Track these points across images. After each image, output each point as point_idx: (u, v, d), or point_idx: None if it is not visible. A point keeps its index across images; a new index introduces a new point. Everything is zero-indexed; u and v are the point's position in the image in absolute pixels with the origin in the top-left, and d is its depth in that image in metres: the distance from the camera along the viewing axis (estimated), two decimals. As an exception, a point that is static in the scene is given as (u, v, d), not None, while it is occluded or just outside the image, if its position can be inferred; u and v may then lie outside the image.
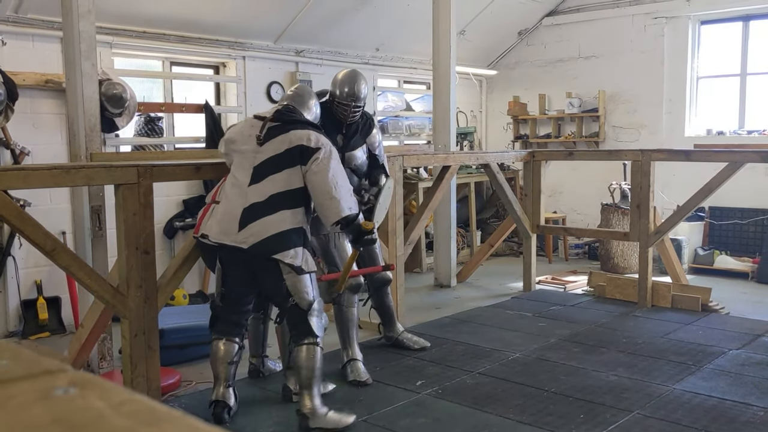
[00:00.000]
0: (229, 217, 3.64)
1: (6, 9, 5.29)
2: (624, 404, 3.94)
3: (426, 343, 5.07)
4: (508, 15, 8.99)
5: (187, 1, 6.23)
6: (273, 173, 3.65)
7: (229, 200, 3.70)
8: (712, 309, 6.01)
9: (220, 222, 3.67)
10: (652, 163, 6.11)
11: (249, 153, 3.74)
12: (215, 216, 3.73)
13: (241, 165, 3.75)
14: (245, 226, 3.58)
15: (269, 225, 3.57)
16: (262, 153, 3.70)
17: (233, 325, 3.89)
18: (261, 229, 3.57)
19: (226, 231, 3.64)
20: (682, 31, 8.40)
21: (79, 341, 4.31)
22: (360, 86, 4.52)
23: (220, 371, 3.85)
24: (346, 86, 4.49)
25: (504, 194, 6.77)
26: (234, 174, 3.77)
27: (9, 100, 5.23)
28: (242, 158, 3.76)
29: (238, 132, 3.90)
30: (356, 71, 4.65)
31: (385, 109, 8.92)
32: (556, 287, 7.15)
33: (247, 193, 3.64)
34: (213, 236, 3.68)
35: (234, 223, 3.61)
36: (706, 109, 8.51)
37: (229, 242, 3.62)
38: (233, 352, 3.86)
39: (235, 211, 3.63)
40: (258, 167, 3.68)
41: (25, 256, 5.52)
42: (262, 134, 3.73)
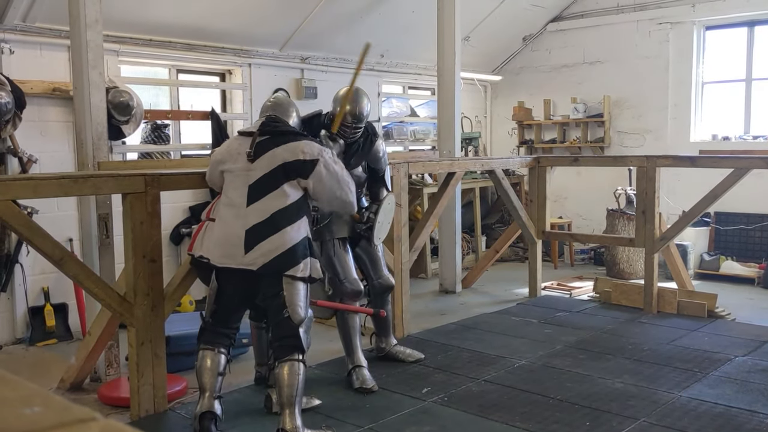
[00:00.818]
0: (231, 239, 3.59)
1: (14, 18, 5.32)
2: (630, 412, 3.93)
3: (420, 355, 4.96)
4: (512, 21, 9.00)
5: (194, 8, 6.26)
6: (271, 190, 3.60)
7: (227, 222, 3.64)
8: (718, 315, 6.00)
9: (221, 245, 3.63)
10: (657, 169, 6.11)
11: (241, 171, 3.68)
12: (212, 238, 3.68)
13: (234, 184, 3.69)
14: (252, 247, 3.54)
15: (276, 244, 3.54)
16: (255, 170, 3.64)
17: (222, 336, 3.80)
18: (269, 248, 3.54)
19: (230, 254, 3.59)
20: (687, 36, 8.40)
21: (86, 348, 4.33)
22: (362, 105, 4.42)
23: (207, 382, 3.71)
24: (348, 105, 4.38)
25: (509, 200, 6.78)
26: (227, 194, 3.72)
27: (17, 109, 5.27)
28: (234, 177, 3.70)
29: (225, 152, 3.82)
30: (358, 89, 4.49)
31: (390, 115, 8.93)
32: (562, 293, 7.15)
33: (247, 214, 3.59)
34: (216, 260, 3.65)
35: (238, 246, 3.56)
36: (711, 114, 8.50)
37: (236, 265, 3.59)
38: (221, 363, 3.75)
39: (237, 233, 3.58)
40: (253, 186, 3.62)
41: (32, 263, 5.54)
42: (252, 150, 3.66)
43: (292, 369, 3.54)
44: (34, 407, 0.46)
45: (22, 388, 0.49)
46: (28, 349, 5.42)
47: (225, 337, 3.81)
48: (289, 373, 3.53)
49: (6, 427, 0.42)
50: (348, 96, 4.38)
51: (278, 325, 3.62)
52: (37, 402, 0.47)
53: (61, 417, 0.45)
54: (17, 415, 0.45)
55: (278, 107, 3.97)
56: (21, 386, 0.50)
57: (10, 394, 0.48)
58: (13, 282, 5.52)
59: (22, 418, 0.44)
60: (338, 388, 4.41)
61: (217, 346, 3.76)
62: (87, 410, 0.48)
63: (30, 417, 0.45)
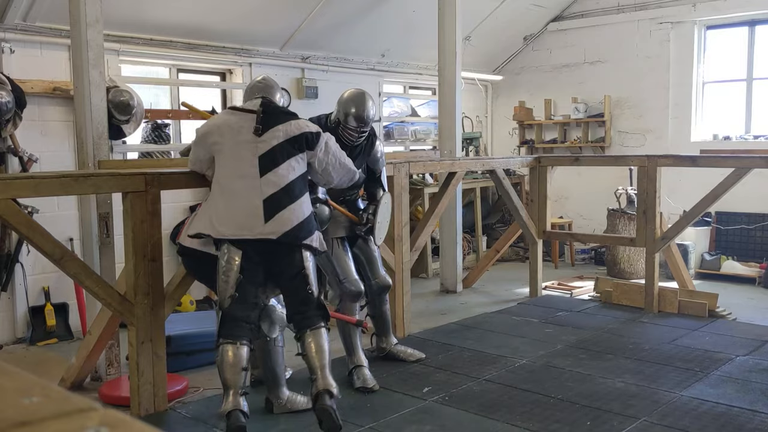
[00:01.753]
0: (249, 210, 3.56)
1: (15, 17, 5.32)
2: (631, 411, 3.93)
3: (421, 355, 4.93)
4: (513, 21, 9.00)
5: (194, 8, 6.26)
6: (282, 161, 3.64)
7: (239, 194, 3.59)
8: (719, 315, 6.00)
9: (235, 217, 3.56)
10: (658, 169, 6.11)
11: (247, 144, 3.65)
12: (220, 213, 3.59)
13: (241, 156, 3.63)
14: (272, 217, 3.55)
15: (296, 212, 3.61)
16: (263, 143, 3.64)
17: (242, 326, 3.60)
18: (289, 217, 3.58)
19: (248, 226, 3.55)
20: (687, 36, 8.40)
21: (86, 348, 4.33)
22: (368, 109, 4.35)
23: (230, 379, 3.53)
24: (353, 108, 4.33)
25: (510, 200, 6.77)
26: (232, 167, 3.64)
27: (17, 108, 5.27)
28: (240, 149, 3.65)
29: (220, 125, 3.74)
30: (363, 92, 4.45)
31: (391, 115, 8.93)
32: (563, 293, 7.15)
33: (262, 184, 3.59)
34: (230, 233, 3.55)
35: (257, 216, 3.55)
36: (712, 114, 8.50)
37: (254, 236, 3.55)
38: (244, 357, 3.57)
39: (254, 203, 3.56)
40: (264, 156, 3.62)
41: (32, 262, 5.54)
42: (260, 125, 3.67)
43: (321, 336, 3.63)
44: (33, 397, 0.46)
45: (21, 379, 0.49)
46: (28, 349, 5.41)
47: (246, 328, 3.62)
48: (320, 339, 3.61)
49: (4, 417, 0.42)
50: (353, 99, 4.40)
51: (302, 300, 3.67)
52: (36, 392, 0.46)
53: (61, 407, 0.45)
54: (16, 405, 0.45)
55: (269, 90, 3.95)
56: (19, 377, 0.50)
57: (8, 384, 0.48)
58: (13, 281, 5.52)
59: (20, 408, 0.44)
60: (339, 388, 4.39)
61: (239, 339, 3.56)
62: (87, 400, 0.47)
63: (29, 407, 0.44)
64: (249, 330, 3.64)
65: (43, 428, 0.42)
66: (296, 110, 4.38)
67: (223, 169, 3.68)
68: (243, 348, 3.57)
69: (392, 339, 5.03)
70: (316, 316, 3.66)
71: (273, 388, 4.03)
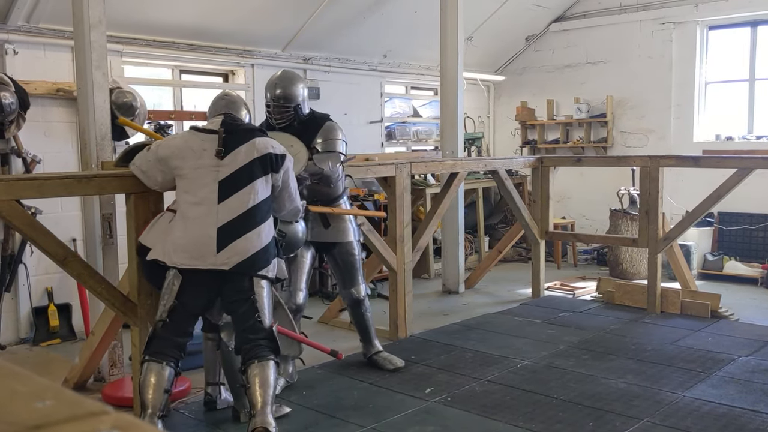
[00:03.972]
0: (201, 239, 3.41)
1: (18, 18, 5.34)
2: (633, 412, 3.93)
3: (400, 363, 4.78)
4: (515, 21, 9.00)
5: (197, 9, 6.27)
6: (245, 185, 3.46)
7: (194, 221, 3.44)
8: (721, 315, 6.00)
9: (188, 247, 3.42)
10: (660, 169, 6.11)
11: (208, 168, 3.48)
12: (174, 240, 3.46)
13: (201, 181, 3.47)
14: (225, 246, 3.39)
15: (252, 241, 3.44)
16: (225, 166, 3.48)
17: (172, 347, 3.47)
18: (245, 246, 3.42)
19: (199, 255, 3.40)
20: (690, 36, 8.40)
21: (89, 348, 4.34)
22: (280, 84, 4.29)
23: (150, 399, 3.38)
24: (268, 87, 4.36)
25: (512, 200, 6.78)
26: (191, 192, 3.49)
27: (20, 109, 5.28)
28: (200, 174, 3.49)
29: (180, 147, 3.56)
30: (282, 71, 4.47)
31: (393, 115, 8.94)
32: (565, 293, 7.15)
33: (219, 211, 3.43)
34: (182, 263, 3.42)
35: (209, 245, 3.39)
36: (714, 114, 8.49)
37: (205, 266, 3.41)
38: (168, 379, 3.42)
39: (207, 232, 3.41)
40: (224, 182, 3.46)
41: (36, 263, 5.55)
42: (222, 147, 3.49)
43: (269, 368, 3.42)
44: (46, 401, 0.46)
45: (34, 383, 0.50)
46: (31, 349, 5.43)
47: (176, 348, 3.49)
48: (267, 372, 3.40)
49: (18, 420, 0.43)
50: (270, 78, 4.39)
51: (250, 328, 3.47)
52: (48, 396, 0.47)
53: (73, 410, 0.45)
54: (30, 408, 0.45)
55: (233, 105, 3.80)
56: (32, 381, 0.50)
57: (21, 388, 0.48)
58: (17, 282, 5.53)
59: (34, 411, 0.45)
60: (341, 388, 4.41)
61: (166, 359, 3.43)
62: (99, 404, 0.48)
63: (42, 410, 0.45)
64: (177, 351, 3.50)
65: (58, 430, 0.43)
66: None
67: (183, 195, 3.53)
68: (167, 369, 3.43)
69: (373, 346, 4.89)
70: (266, 347, 3.45)
71: (239, 398, 3.88)
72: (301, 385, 4.41)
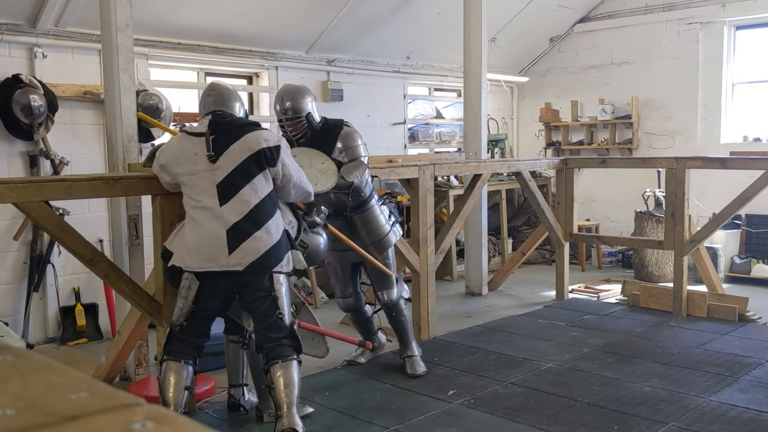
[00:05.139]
0: (212, 241, 3.40)
1: (47, 22, 5.43)
2: (659, 416, 3.89)
3: (420, 371, 4.66)
4: (539, 22, 8.96)
5: (221, 13, 6.32)
6: (243, 185, 3.42)
7: (202, 225, 3.43)
8: (749, 319, 5.91)
9: (199, 249, 3.42)
10: (686, 171, 6.04)
11: (204, 173, 3.45)
12: (186, 244, 3.47)
13: (199, 186, 3.46)
14: (236, 247, 3.38)
15: (262, 239, 3.41)
16: (220, 169, 3.43)
17: (191, 346, 3.52)
18: (255, 246, 3.39)
19: (212, 257, 3.40)
20: (717, 36, 8.30)
21: (116, 348, 4.39)
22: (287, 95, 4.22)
23: (171, 397, 3.42)
24: (276, 101, 4.29)
25: (536, 202, 6.74)
26: (194, 197, 3.48)
27: (49, 112, 5.37)
28: (197, 179, 3.47)
29: (175, 154, 3.54)
30: (286, 84, 4.39)
31: (416, 117, 8.94)
32: (590, 296, 7.09)
33: (223, 214, 3.40)
34: (196, 266, 3.43)
35: (221, 247, 3.38)
36: (742, 115, 8.38)
37: (219, 268, 3.40)
38: (188, 376, 3.46)
39: (217, 233, 3.39)
40: (222, 184, 3.42)
41: (63, 263, 5.64)
42: (211, 152, 3.44)
43: (292, 368, 3.41)
44: (81, 393, 0.47)
45: (69, 376, 0.51)
46: (59, 349, 5.50)
47: (194, 348, 3.53)
48: (291, 372, 3.40)
49: (55, 411, 0.44)
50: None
51: (271, 327, 3.46)
52: (83, 388, 0.48)
53: (107, 402, 0.46)
54: (65, 400, 0.46)
55: (221, 100, 3.63)
56: (67, 373, 0.52)
57: (57, 380, 0.50)
58: (45, 282, 5.62)
59: (70, 402, 0.46)
60: (364, 389, 4.42)
61: (185, 358, 3.47)
62: (132, 396, 0.49)
63: (77, 402, 0.46)
64: (195, 350, 3.53)
65: (91, 422, 0.44)
66: (322, 113, 4.41)
67: (187, 199, 3.53)
68: (187, 367, 3.47)
69: (407, 349, 4.79)
70: (288, 346, 3.44)
71: (263, 398, 3.90)
72: (324, 386, 4.42)
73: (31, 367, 0.53)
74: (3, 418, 0.43)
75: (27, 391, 0.47)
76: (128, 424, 0.43)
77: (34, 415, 0.44)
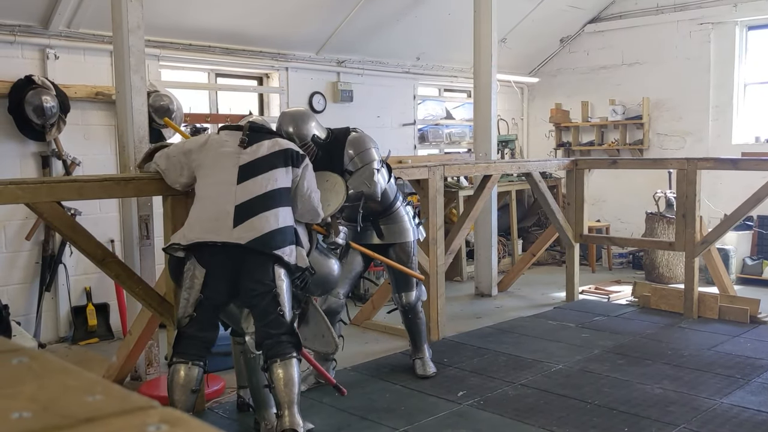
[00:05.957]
0: (218, 215, 3.41)
1: (59, 24, 5.46)
2: (670, 418, 3.87)
3: (430, 372, 4.65)
4: (549, 22, 8.93)
5: (232, 14, 6.34)
6: (265, 171, 3.51)
7: (212, 199, 3.46)
8: (760, 321, 5.88)
9: (203, 221, 3.43)
10: (698, 172, 6.01)
11: (230, 154, 3.55)
12: (190, 220, 3.50)
13: (220, 166, 3.53)
14: (241, 222, 3.38)
15: (269, 220, 3.42)
16: (247, 154, 3.54)
17: (200, 345, 3.46)
18: (260, 224, 3.39)
19: (215, 229, 3.38)
20: (728, 37, 8.25)
21: (127, 347, 4.42)
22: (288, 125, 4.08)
23: (179, 400, 3.37)
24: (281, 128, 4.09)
25: (546, 203, 6.72)
26: (211, 176, 3.53)
27: (61, 113, 5.41)
28: (220, 159, 3.54)
29: (202, 143, 3.66)
30: (286, 112, 4.29)
31: (426, 118, 8.94)
32: (600, 297, 7.07)
33: (236, 191, 3.45)
34: (195, 236, 3.39)
35: (226, 220, 3.38)
36: (754, 115, 8.33)
37: (220, 240, 3.36)
38: (196, 378, 3.41)
39: (225, 208, 3.41)
40: (245, 166, 3.51)
41: (75, 263, 5.67)
42: (246, 138, 3.59)
43: (292, 367, 3.37)
44: (96, 395, 0.48)
45: (84, 378, 0.52)
46: (70, 348, 5.54)
47: (202, 347, 3.46)
48: (291, 370, 3.36)
49: (71, 413, 0.44)
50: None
51: (271, 323, 3.40)
52: (98, 390, 0.49)
53: (122, 404, 0.47)
54: (81, 402, 0.47)
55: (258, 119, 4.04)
56: (82, 376, 0.52)
57: (73, 382, 0.50)
58: (56, 282, 5.65)
59: (85, 405, 0.46)
60: (374, 390, 4.43)
61: (192, 359, 3.41)
62: (146, 399, 0.49)
63: (93, 404, 0.47)
64: (204, 350, 3.47)
65: (107, 425, 0.44)
66: (332, 114, 4.43)
67: (202, 181, 3.57)
68: (195, 369, 3.41)
69: (418, 351, 4.76)
70: (288, 343, 3.39)
71: (260, 408, 3.83)
72: (332, 387, 4.42)
73: (46, 369, 0.53)
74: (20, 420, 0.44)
75: (43, 393, 0.48)
76: (143, 427, 0.44)
77: (51, 418, 0.44)
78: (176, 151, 3.71)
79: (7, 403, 0.47)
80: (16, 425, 0.44)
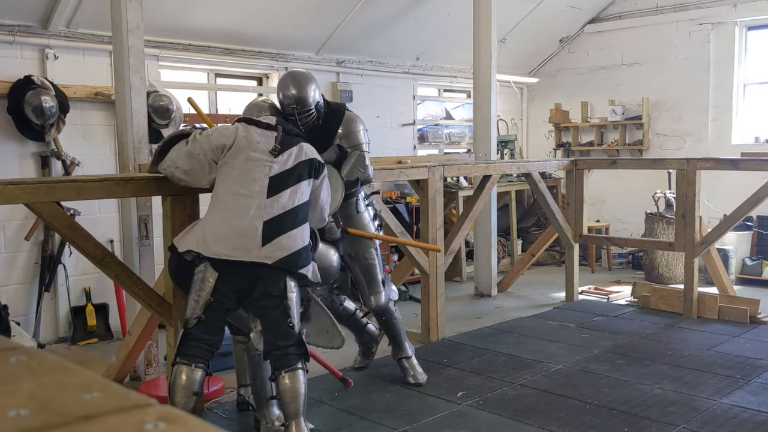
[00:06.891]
0: (247, 231, 3.35)
1: (58, 24, 5.46)
2: (669, 418, 3.87)
3: (422, 379, 4.55)
4: (549, 23, 8.93)
5: (231, 14, 6.34)
6: (292, 185, 3.48)
7: (239, 212, 3.38)
8: (760, 321, 5.88)
9: (231, 237, 3.35)
10: (697, 172, 6.01)
11: (261, 162, 3.47)
12: (216, 230, 3.39)
13: (251, 174, 3.44)
14: (270, 240, 3.35)
15: (296, 239, 3.42)
16: (277, 164, 3.49)
17: (205, 348, 3.42)
18: (288, 243, 3.39)
19: (244, 246, 3.33)
20: (728, 37, 8.25)
21: (126, 348, 4.42)
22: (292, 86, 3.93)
23: (179, 402, 3.34)
24: (280, 89, 3.98)
25: (546, 203, 6.72)
26: (239, 183, 3.43)
27: (60, 113, 5.40)
28: (251, 166, 3.45)
29: (237, 140, 3.51)
30: (291, 72, 4.18)
31: (425, 118, 8.94)
32: (599, 297, 7.06)
33: (266, 206, 3.40)
34: (224, 253, 3.34)
35: (255, 238, 3.34)
36: (753, 116, 8.33)
37: (249, 259, 3.34)
38: (198, 381, 3.39)
39: (253, 224, 3.36)
40: (275, 178, 3.46)
41: (74, 264, 5.67)
42: (278, 145, 3.52)
43: (298, 378, 3.37)
44: (94, 393, 0.48)
45: (82, 376, 0.51)
46: (70, 348, 5.53)
47: (207, 349, 3.43)
48: (297, 382, 3.36)
49: (69, 411, 0.44)
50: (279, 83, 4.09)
51: (280, 334, 3.40)
52: (96, 388, 0.48)
53: (120, 402, 0.47)
54: (79, 399, 0.47)
55: (273, 108, 3.97)
56: (80, 374, 0.52)
57: (70, 380, 0.50)
58: (56, 282, 5.65)
59: (83, 402, 0.46)
60: (373, 390, 4.42)
61: (196, 361, 3.38)
62: (144, 397, 0.49)
63: (90, 402, 0.47)
64: (208, 353, 3.45)
65: (105, 422, 0.44)
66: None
67: (227, 184, 3.46)
68: (198, 371, 3.38)
69: (401, 350, 4.67)
70: (294, 355, 3.39)
71: (261, 406, 3.83)
72: (333, 387, 4.42)
73: (44, 367, 0.53)
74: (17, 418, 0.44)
75: (40, 392, 0.48)
76: (141, 425, 0.44)
77: (48, 415, 0.44)
78: (201, 148, 3.52)
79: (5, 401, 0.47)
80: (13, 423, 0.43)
